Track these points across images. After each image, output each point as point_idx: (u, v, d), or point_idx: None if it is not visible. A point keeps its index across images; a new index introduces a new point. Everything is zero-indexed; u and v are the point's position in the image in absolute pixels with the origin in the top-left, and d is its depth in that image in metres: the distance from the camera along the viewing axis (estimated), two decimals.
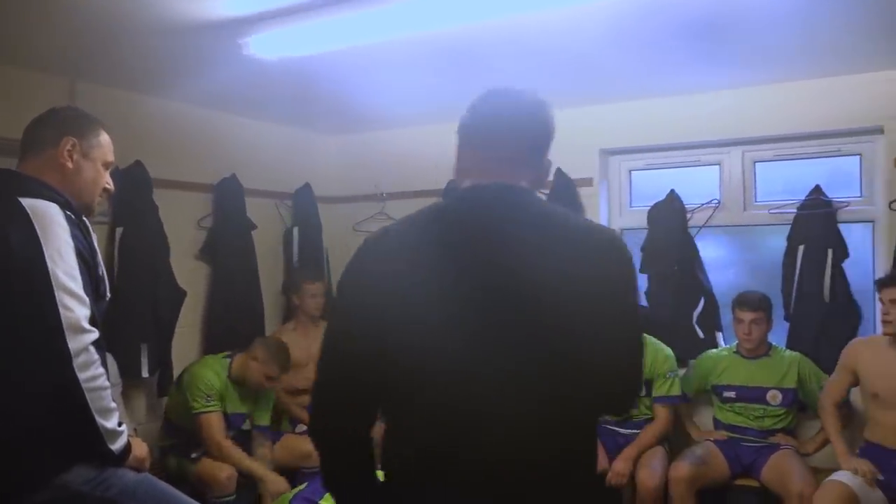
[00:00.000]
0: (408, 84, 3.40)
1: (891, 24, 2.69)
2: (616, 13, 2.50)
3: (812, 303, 3.41)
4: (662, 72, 3.28)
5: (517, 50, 2.89)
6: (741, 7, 2.48)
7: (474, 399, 1.14)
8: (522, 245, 1.17)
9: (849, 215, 3.45)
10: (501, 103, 1.31)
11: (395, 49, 2.80)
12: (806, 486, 2.94)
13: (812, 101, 3.41)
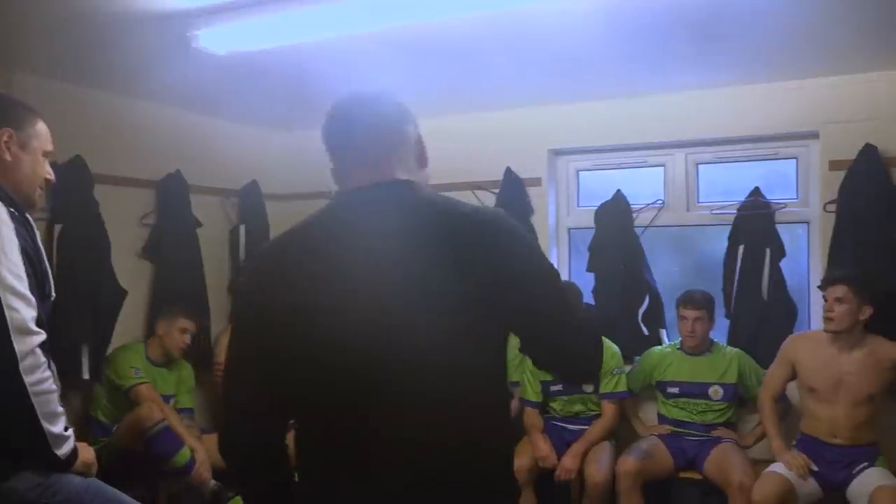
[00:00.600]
0: (357, 81, 3.37)
1: (825, 34, 2.81)
2: (567, 16, 2.53)
3: (751, 301, 3.53)
4: (609, 74, 3.35)
5: (469, 50, 2.91)
6: (685, 13, 2.54)
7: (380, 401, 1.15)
8: (397, 239, 1.18)
9: (786, 216, 3.59)
10: (349, 109, 1.34)
11: (345, 45, 2.78)
12: (745, 478, 3.05)
13: (752, 106, 3.53)
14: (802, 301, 3.58)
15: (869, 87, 3.32)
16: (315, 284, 1.17)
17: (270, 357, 1.19)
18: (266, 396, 1.21)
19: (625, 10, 2.50)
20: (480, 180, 4.03)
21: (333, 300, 1.16)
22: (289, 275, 1.21)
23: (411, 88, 3.56)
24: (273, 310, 1.20)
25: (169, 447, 3.19)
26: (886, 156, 3.24)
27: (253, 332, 1.22)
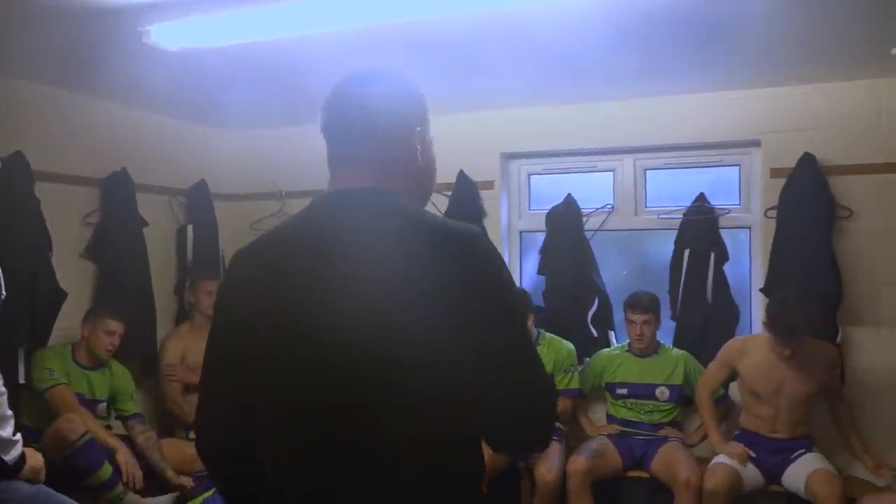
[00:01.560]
0: (310, 80, 3.34)
1: (769, 48, 2.92)
2: (520, 23, 2.57)
3: (696, 303, 3.63)
4: (561, 81, 3.41)
5: (422, 53, 2.92)
6: (635, 26, 2.61)
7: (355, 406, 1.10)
8: (378, 249, 1.12)
9: (729, 222, 3.71)
10: (341, 99, 1.23)
11: (297, 45, 2.76)
12: (692, 475, 3.14)
13: (698, 114, 3.64)
14: (744, 303, 3.70)
15: (808, 99, 3.46)
16: (298, 289, 1.13)
17: (250, 360, 1.16)
18: (245, 399, 1.18)
19: (576, 20, 2.55)
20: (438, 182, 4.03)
21: (316, 306, 1.12)
22: (272, 278, 1.16)
23: None
24: (255, 312, 1.16)
25: (93, 461, 3.04)
26: (824, 164, 3.38)
27: (234, 333, 1.19)
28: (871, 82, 3.35)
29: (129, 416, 3.49)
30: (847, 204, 3.39)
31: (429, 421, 1.09)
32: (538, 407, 1.13)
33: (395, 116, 1.22)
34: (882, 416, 3.33)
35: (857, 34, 2.78)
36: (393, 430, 1.09)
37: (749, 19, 2.59)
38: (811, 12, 2.54)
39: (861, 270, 3.39)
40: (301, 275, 1.14)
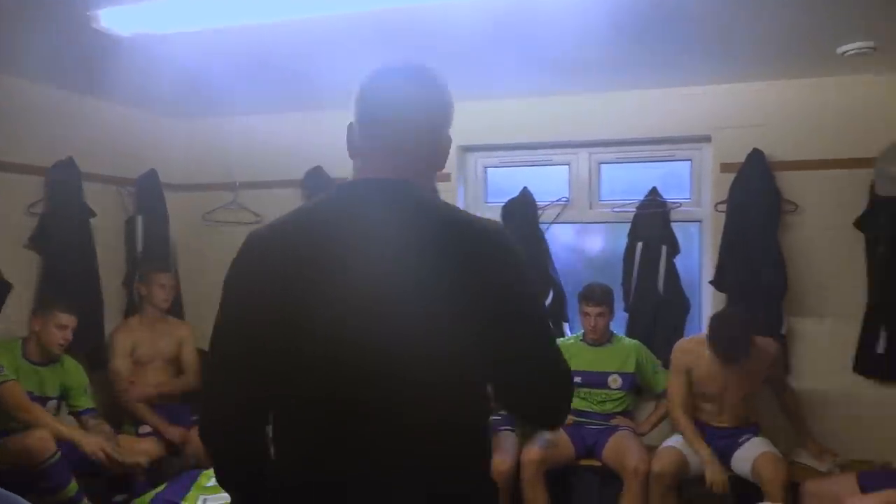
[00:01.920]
0: (265, 70, 3.31)
1: (718, 44, 2.98)
2: (475, 16, 2.57)
3: (648, 295, 3.71)
4: (517, 74, 3.42)
5: (378, 45, 2.90)
6: (590, 16, 2.63)
7: (367, 395, 1.14)
8: (405, 242, 1.15)
9: (680, 215, 3.78)
10: (390, 87, 1.24)
11: (253, 34, 2.71)
12: (640, 463, 3.21)
13: (651, 109, 3.70)
14: (694, 295, 3.79)
15: (758, 96, 3.54)
16: (317, 277, 1.14)
17: (263, 345, 1.15)
18: (254, 385, 1.18)
19: (532, 14, 2.57)
20: None
21: (334, 295, 1.13)
22: (289, 264, 1.16)
23: (325, 78, 3.55)
24: (270, 298, 1.15)
25: (62, 480, 2.98)
26: (772, 160, 3.47)
27: (246, 318, 1.17)
28: (819, 80, 3.44)
29: (83, 412, 3.40)
30: (793, 198, 3.49)
31: (448, 410, 1.16)
32: (559, 387, 1.23)
33: (434, 113, 1.25)
34: (825, 404, 3.45)
35: (806, 33, 2.86)
36: (413, 419, 1.13)
37: (701, 18, 2.64)
38: (762, 12, 2.60)
39: (805, 263, 3.49)
40: (328, 263, 1.15)
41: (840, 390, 3.46)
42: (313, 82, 3.51)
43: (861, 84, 3.39)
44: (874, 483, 2.73)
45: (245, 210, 4.34)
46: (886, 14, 2.64)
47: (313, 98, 3.85)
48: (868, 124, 3.39)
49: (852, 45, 2.93)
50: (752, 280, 3.44)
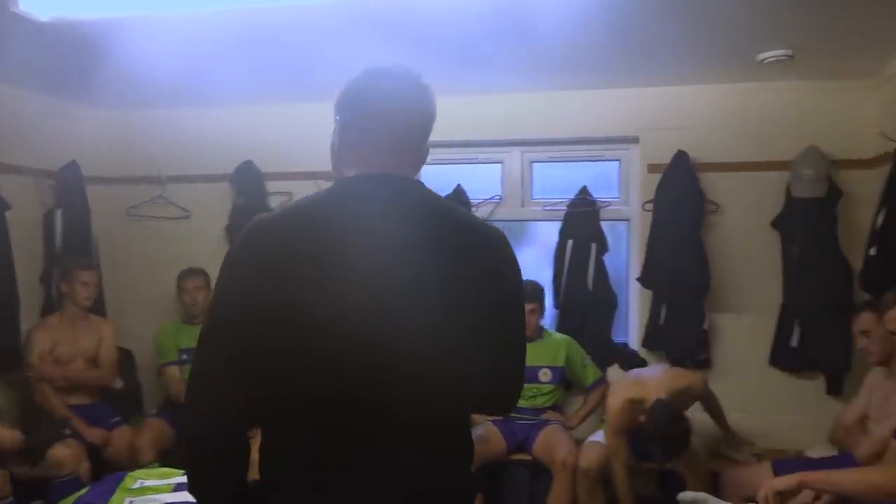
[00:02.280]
0: (197, 62, 3.22)
1: (648, 49, 3.08)
2: (412, 10, 2.58)
3: (578, 291, 3.79)
4: (451, 72, 3.43)
5: (311, 39, 2.88)
6: (520, 18, 2.67)
7: (369, 391, 1.15)
8: (410, 240, 1.17)
9: (609, 214, 3.88)
10: (389, 86, 1.28)
11: (185, 23, 2.64)
12: (569, 456, 3.28)
13: (582, 110, 3.78)
14: (622, 292, 3.89)
15: (683, 99, 3.67)
16: (319, 275, 1.12)
17: (266, 344, 1.13)
18: (254, 385, 1.14)
19: (465, 11, 2.58)
20: (322, 170, 3.99)
21: (337, 292, 1.12)
22: (293, 261, 1.13)
23: (256, 75, 3.48)
24: (273, 296, 1.12)
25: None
26: (696, 161, 3.60)
27: (248, 317, 1.13)
28: (740, 86, 3.59)
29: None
30: (715, 199, 3.63)
31: (444, 404, 1.21)
32: (519, 384, 1.36)
33: (427, 112, 1.30)
34: (743, 397, 3.59)
35: (728, 41, 2.98)
36: (413, 413, 1.17)
37: (630, 23, 2.72)
38: (688, 19, 2.70)
39: (726, 261, 3.64)
40: (332, 261, 1.13)
41: (757, 383, 3.62)
42: (244, 75, 3.44)
43: (779, 90, 3.56)
44: (788, 470, 2.86)
45: (172, 205, 4.22)
46: (803, 24, 2.78)
47: (244, 92, 3.77)
48: (785, 129, 3.55)
49: (771, 52, 3.07)
50: (676, 277, 3.56)
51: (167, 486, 2.60)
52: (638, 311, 3.82)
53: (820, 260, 3.41)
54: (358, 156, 1.27)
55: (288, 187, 4.06)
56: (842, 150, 3.49)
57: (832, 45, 3.02)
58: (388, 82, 1.28)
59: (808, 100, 3.55)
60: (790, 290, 3.52)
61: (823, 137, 3.47)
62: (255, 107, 3.98)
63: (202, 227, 4.17)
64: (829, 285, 3.40)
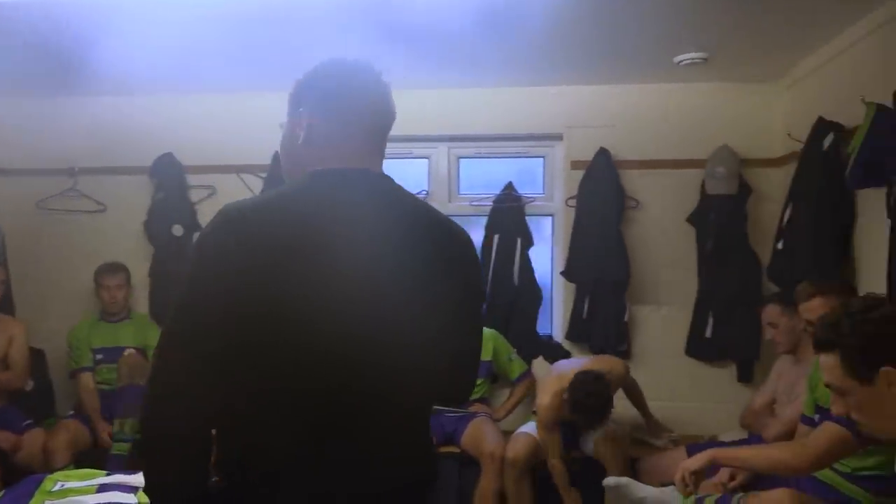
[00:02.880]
0: (114, 47, 3.09)
1: (571, 48, 3.16)
2: (330, 6, 2.57)
3: (504, 286, 3.85)
4: (379, 65, 3.41)
5: (239, 30, 2.82)
6: (450, 12, 2.69)
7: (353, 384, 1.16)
8: (391, 235, 1.19)
9: (534, 209, 3.96)
10: (361, 80, 1.30)
11: (101, 3, 2.54)
12: (496, 447, 3.33)
13: (508, 107, 3.84)
14: (546, 286, 3.98)
15: (605, 98, 3.78)
16: (302, 268, 1.11)
17: (249, 339, 1.10)
18: (224, 377, 1.11)
19: (388, 3, 2.59)
20: (248, 164, 3.92)
21: (321, 284, 1.11)
22: (274, 255, 1.10)
23: (178, 63, 3.37)
24: (256, 290, 1.09)
25: None
26: (617, 159, 3.72)
27: (229, 311, 1.09)
28: (659, 86, 3.72)
29: None
30: (635, 195, 3.76)
31: (422, 396, 1.26)
32: (475, 375, 1.40)
33: (391, 107, 1.34)
34: (661, 386, 3.74)
35: (647, 43, 3.09)
36: (395, 406, 1.20)
37: (555, 24, 2.79)
38: (609, 22, 2.80)
39: (645, 255, 3.77)
40: (314, 253, 1.13)
41: (673, 372, 3.77)
42: (165, 63, 3.33)
43: (695, 91, 3.71)
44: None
45: (86, 198, 4.05)
46: (718, 29, 2.91)
47: (165, 80, 3.65)
48: (700, 128, 3.71)
49: (687, 55, 3.21)
50: (598, 271, 3.67)
51: (90, 488, 2.50)
52: (562, 304, 3.92)
53: (731, 254, 3.58)
54: (329, 152, 1.25)
55: (210, 181, 3.97)
56: (752, 149, 3.67)
57: (744, 49, 3.18)
58: (360, 77, 1.29)
59: (721, 101, 3.72)
60: (704, 284, 3.68)
61: (735, 137, 3.64)
62: (176, 96, 3.85)
63: (120, 221, 4.02)
64: (740, 278, 3.58)
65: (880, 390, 1.43)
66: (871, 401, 1.46)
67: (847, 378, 1.47)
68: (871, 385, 1.44)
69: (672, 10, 2.70)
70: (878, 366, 1.43)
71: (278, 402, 1.15)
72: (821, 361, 1.53)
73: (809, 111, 3.19)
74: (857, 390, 1.46)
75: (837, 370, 1.48)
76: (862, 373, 1.45)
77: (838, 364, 1.48)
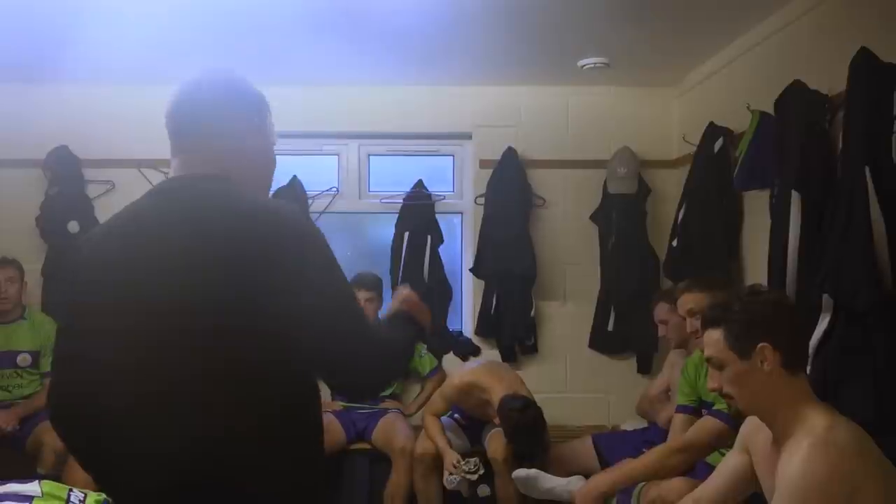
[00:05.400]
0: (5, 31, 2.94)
1: (479, 49, 3.23)
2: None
3: (414, 282, 3.87)
4: (287, 62, 3.38)
5: (161, 24, 2.74)
6: (367, 8, 2.69)
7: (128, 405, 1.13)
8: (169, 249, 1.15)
9: (444, 207, 4.01)
10: (188, 89, 1.30)
11: None
12: (407, 442, 3.37)
13: (418, 106, 3.88)
14: (456, 282, 4.05)
15: (512, 99, 3.88)
16: (95, 286, 1.19)
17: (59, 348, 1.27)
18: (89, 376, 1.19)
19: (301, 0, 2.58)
20: (149, 158, 3.78)
21: (102, 305, 1.17)
22: (86, 268, 1.24)
23: (72, 50, 3.22)
24: (70, 303, 1.27)
25: None
26: (524, 158, 3.82)
27: (60, 321, 1.24)
28: (563, 88, 3.84)
29: None
30: (541, 193, 3.87)
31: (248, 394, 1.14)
32: (360, 356, 1.20)
33: (225, 115, 1.30)
34: (566, 376, 3.88)
35: (552, 47, 3.20)
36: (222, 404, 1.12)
37: (466, 24, 2.85)
38: (517, 24, 2.88)
39: (551, 252, 3.89)
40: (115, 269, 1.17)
41: (578, 364, 3.91)
42: (56, 49, 3.17)
43: (597, 94, 3.85)
44: (607, 444, 3.14)
45: None
46: (618, 36, 3.04)
47: (57, 69, 3.47)
48: (603, 130, 3.86)
49: (589, 59, 3.34)
50: (506, 268, 3.76)
51: None
52: (471, 300, 4.00)
53: (632, 251, 3.74)
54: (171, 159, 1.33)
55: (109, 176, 3.81)
56: (651, 150, 3.85)
57: (642, 56, 3.34)
58: (184, 88, 1.32)
59: (622, 104, 3.88)
60: (606, 279, 3.83)
61: (635, 139, 3.81)
62: (73, 86, 3.66)
63: (9, 216, 3.78)
64: (640, 274, 3.74)
65: (754, 364, 1.57)
66: (744, 375, 1.58)
67: (728, 350, 1.59)
68: (748, 359, 1.57)
69: (576, 18, 2.80)
70: (756, 342, 1.56)
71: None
72: (706, 337, 1.65)
73: (701, 116, 3.38)
74: (735, 364, 1.59)
75: (721, 343, 1.61)
76: (742, 346, 1.58)
77: (722, 338, 1.60)
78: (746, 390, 1.60)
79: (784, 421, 1.56)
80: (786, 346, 1.57)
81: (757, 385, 1.58)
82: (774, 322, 1.59)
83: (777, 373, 1.56)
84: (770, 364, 1.56)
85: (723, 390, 1.64)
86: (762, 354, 1.56)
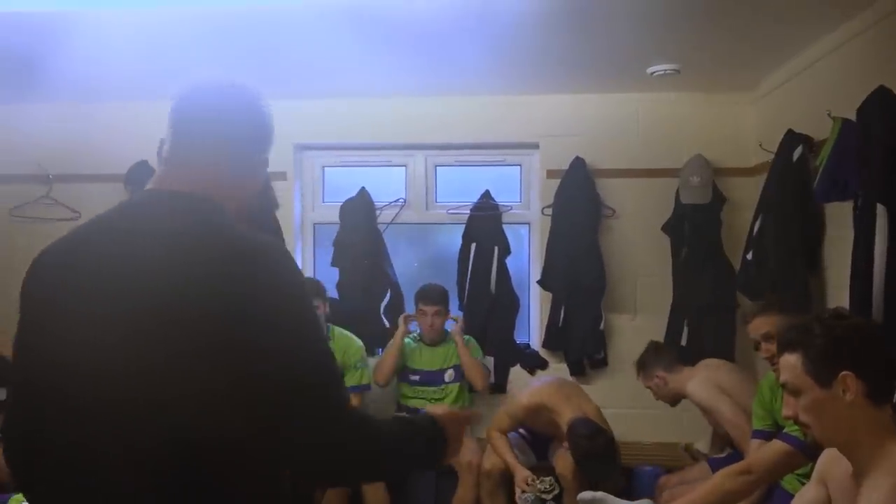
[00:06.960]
0: (93, 56, 3.08)
1: (547, 58, 3.19)
2: (308, 15, 2.57)
3: (481, 294, 3.87)
4: (356, 75, 3.42)
5: (211, 38, 2.81)
6: (428, 21, 2.69)
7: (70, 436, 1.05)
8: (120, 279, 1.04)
9: (511, 217, 3.98)
10: (188, 99, 1.20)
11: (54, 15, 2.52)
12: (474, 456, 3.36)
13: (485, 116, 3.86)
14: (524, 294, 4.00)
15: (580, 108, 3.81)
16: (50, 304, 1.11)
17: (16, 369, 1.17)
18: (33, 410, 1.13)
19: (371, 14, 2.59)
20: None
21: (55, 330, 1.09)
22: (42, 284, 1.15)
23: (153, 69, 3.35)
24: (26, 319, 1.15)
25: None
26: (592, 168, 3.75)
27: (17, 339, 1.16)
28: (632, 96, 3.75)
29: None
30: (611, 204, 3.79)
31: None
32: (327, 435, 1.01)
33: (236, 133, 1.20)
34: (638, 392, 3.76)
35: (621, 54, 3.12)
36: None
37: (533, 33, 2.81)
38: (584, 32, 2.82)
39: (621, 263, 3.80)
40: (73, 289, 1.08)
41: None
42: (140, 71, 3.31)
43: (667, 101, 3.74)
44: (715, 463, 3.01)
45: (60, 205, 4.00)
46: (689, 41, 2.94)
47: (140, 88, 3.62)
48: (674, 138, 3.75)
49: (660, 66, 3.24)
50: (574, 280, 3.70)
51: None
52: (539, 312, 3.94)
53: (706, 262, 3.61)
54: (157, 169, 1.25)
55: None
56: (725, 158, 3.71)
57: (715, 61, 3.22)
58: (204, 96, 1.25)
59: (694, 111, 3.76)
60: (679, 292, 3.71)
61: (708, 147, 3.67)
62: (149, 103, 3.81)
63: None
64: (714, 286, 3.60)
65: (834, 394, 1.45)
66: (822, 403, 1.47)
67: (806, 377, 1.48)
68: (828, 388, 1.46)
69: (645, 24, 2.72)
70: (839, 370, 1.45)
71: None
72: (782, 361, 1.55)
73: (779, 123, 3.23)
74: (812, 391, 1.48)
75: (798, 369, 1.50)
76: (821, 373, 1.47)
77: (800, 363, 1.49)
78: (824, 420, 1.49)
79: (865, 455, 1.46)
80: (872, 376, 1.45)
81: (836, 415, 1.47)
82: (860, 349, 1.48)
83: (860, 404, 1.44)
84: (853, 394, 1.44)
85: (798, 418, 1.54)
86: (844, 383, 1.45)
